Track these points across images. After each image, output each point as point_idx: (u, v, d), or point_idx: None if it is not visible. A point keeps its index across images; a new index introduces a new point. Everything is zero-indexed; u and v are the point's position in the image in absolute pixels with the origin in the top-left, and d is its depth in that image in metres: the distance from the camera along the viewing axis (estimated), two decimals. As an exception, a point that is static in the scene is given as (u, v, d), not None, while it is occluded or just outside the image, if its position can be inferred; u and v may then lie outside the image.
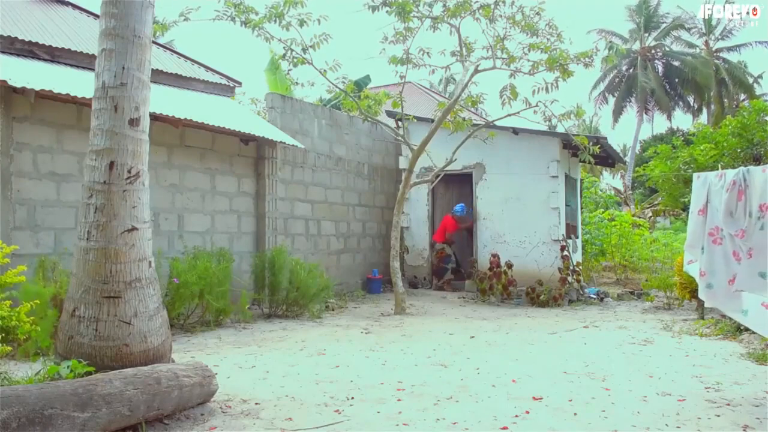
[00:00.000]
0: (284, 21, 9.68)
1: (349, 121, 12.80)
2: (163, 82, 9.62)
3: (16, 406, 3.14)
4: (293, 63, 10.25)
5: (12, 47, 8.37)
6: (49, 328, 5.76)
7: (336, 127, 12.43)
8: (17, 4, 10.66)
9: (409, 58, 10.44)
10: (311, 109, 12.00)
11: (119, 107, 4.55)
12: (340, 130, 12.55)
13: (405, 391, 5.11)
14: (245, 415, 4.47)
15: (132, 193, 4.57)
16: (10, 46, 8.35)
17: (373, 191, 13.51)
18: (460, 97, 10.75)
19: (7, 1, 10.65)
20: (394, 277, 10.37)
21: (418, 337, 7.86)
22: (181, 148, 9.16)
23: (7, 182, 7.22)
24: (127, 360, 4.41)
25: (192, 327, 8.13)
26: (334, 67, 10.56)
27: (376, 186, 13.64)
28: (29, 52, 8.51)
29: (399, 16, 9.81)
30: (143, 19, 4.76)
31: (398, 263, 10.61)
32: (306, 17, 9.64)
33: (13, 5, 10.54)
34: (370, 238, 13.41)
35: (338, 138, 12.46)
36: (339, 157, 12.43)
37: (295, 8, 9.60)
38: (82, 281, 4.51)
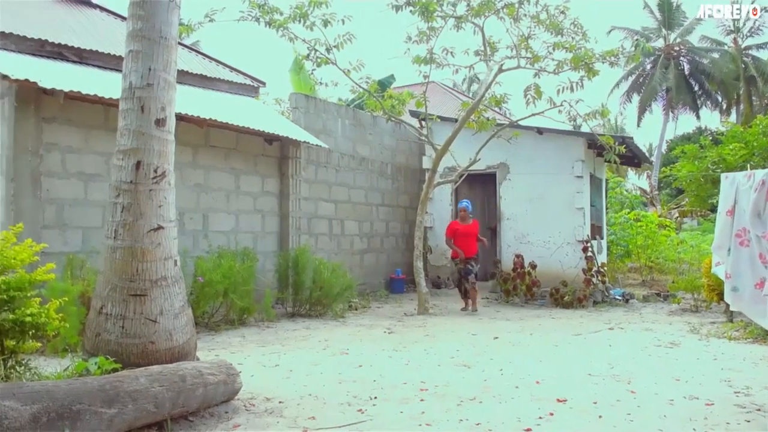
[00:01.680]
0: (308, 21, 9.70)
1: (373, 121, 12.81)
2: (188, 82, 9.71)
3: (45, 400, 3.19)
4: (317, 63, 10.27)
5: (42, 50, 8.51)
6: (76, 325, 5.85)
7: (359, 126, 12.45)
8: (47, 8, 10.83)
9: (433, 58, 10.42)
10: (335, 109, 12.03)
11: (146, 108, 4.60)
12: (364, 130, 12.57)
13: (428, 392, 5.09)
14: (269, 413, 4.49)
15: (158, 192, 4.61)
16: (40, 49, 8.49)
17: (396, 191, 13.51)
18: (484, 96, 10.71)
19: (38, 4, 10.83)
20: (417, 277, 10.35)
21: (441, 337, 7.84)
22: (206, 148, 9.24)
23: (36, 182, 7.34)
24: (153, 357, 4.45)
25: (216, 325, 8.20)
26: (358, 67, 10.58)
27: (400, 186, 13.64)
28: (58, 54, 8.65)
29: (422, 15, 9.79)
30: (169, 21, 4.81)
31: (421, 263, 10.60)
32: (330, 17, 9.65)
33: (43, 8, 10.70)
34: (393, 238, 13.42)
35: (361, 138, 12.48)
36: (362, 156, 12.45)
37: (319, 8, 9.62)
38: (109, 279, 4.57)
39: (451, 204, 13.54)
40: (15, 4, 10.24)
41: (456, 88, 27.94)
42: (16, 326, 4.50)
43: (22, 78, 6.79)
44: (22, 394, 3.14)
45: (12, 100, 7.25)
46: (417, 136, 12.13)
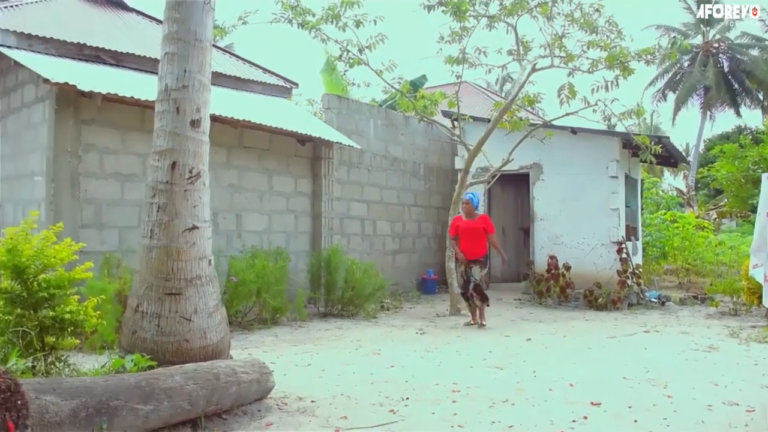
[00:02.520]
0: (341, 22, 9.74)
1: (405, 122, 12.81)
2: (222, 84, 9.82)
3: (84, 396, 3.25)
4: (349, 64, 10.30)
5: (81, 53, 8.69)
6: (113, 323, 5.96)
7: (392, 127, 12.45)
8: (85, 12, 11.05)
9: (465, 58, 10.36)
10: (367, 110, 12.06)
11: (181, 109, 4.66)
12: (396, 131, 12.57)
13: (460, 393, 5.07)
14: (301, 412, 4.52)
15: (193, 192, 4.67)
16: (79, 52, 8.68)
17: (428, 191, 13.48)
18: (517, 96, 10.64)
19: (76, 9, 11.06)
20: (450, 278, 10.31)
21: (474, 339, 7.81)
22: (240, 148, 9.33)
23: (75, 182, 7.50)
24: (188, 355, 4.51)
25: (249, 325, 8.28)
26: (390, 68, 10.58)
27: (432, 186, 13.61)
28: (96, 57, 8.83)
29: (455, 15, 9.75)
30: (204, 23, 4.86)
31: (453, 264, 10.54)
32: (362, 18, 9.68)
33: (82, 13, 10.93)
34: (425, 239, 13.39)
35: (394, 138, 12.48)
36: (395, 157, 12.45)
37: (351, 9, 9.65)
38: (145, 278, 4.64)
39: (484, 204, 13.46)
40: (55, 9, 10.48)
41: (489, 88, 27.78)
42: (55, 323, 4.60)
43: (61, 81, 6.94)
44: (62, 389, 3.20)
45: (52, 103, 7.42)
46: (449, 136, 12.09)
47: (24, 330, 4.48)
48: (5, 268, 4.53)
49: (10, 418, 2.65)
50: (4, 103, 8.95)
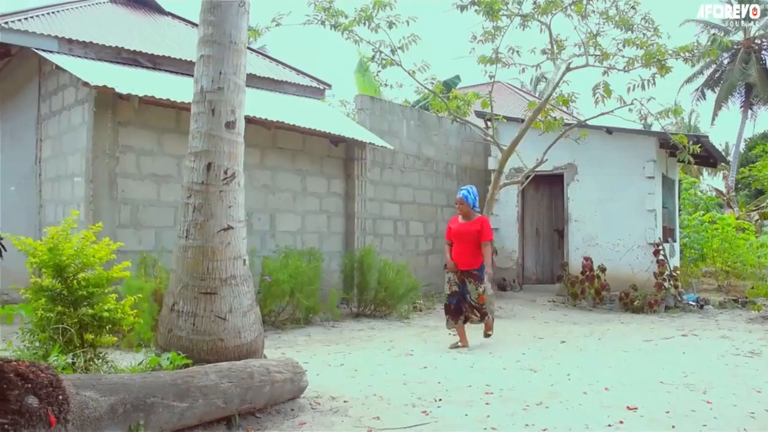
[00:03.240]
0: (373, 23, 9.76)
1: (438, 122, 12.77)
2: (256, 85, 9.91)
3: (122, 392, 3.31)
4: (382, 65, 10.32)
5: (119, 56, 8.86)
6: (149, 321, 6.06)
7: (424, 127, 12.43)
8: (123, 16, 11.27)
9: (499, 58, 10.29)
10: (400, 110, 12.06)
11: (216, 111, 4.72)
12: (429, 131, 12.54)
13: (493, 395, 5.03)
14: (334, 412, 4.53)
15: (228, 193, 4.72)
16: (117, 56, 8.85)
17: (461, 192, 13.40)
18: (551, 96, 10.52)
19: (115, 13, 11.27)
20: (483, 279, 10.24)
21: (507, 341, 7.75)
22: (273, 149, 9.41)
23: (113, 183, 7.64)
24: (222, 354, 4.56)
25: (282, 324, 8.34)
26: (423, 68, 10.55)
27: (465, 187, 13.52)
28: (133, 60, 8.99)
29: (487, 15, 9.69)
30: (239, 26, 4.92)
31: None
32: (395, 19, 9.68)
33: (120, 17, 11.15)
34: (458, 240, 13.30)
35: (427, 139, 12.46)
36: (427, 157, 12.42)
37: (383, 10, 9.66)
38: (180, 277, 4.70)
39: (518, 205, 13.37)
40: (94, 14, 10.71)
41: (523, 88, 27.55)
42: (94, 321, 4.69)
43: (100, 84, 7.08)
44: (101, 385, 3.26)
45: (91, 106, 7.57)
46: (483, 136, 12.02)
47: (64, 327, 4.58)
48: (47, 266, 4.64)
49: (52, 412, 2.71)
50: (46, 106, 9.17)
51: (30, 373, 2.75)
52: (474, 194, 7.45)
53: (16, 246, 4.80)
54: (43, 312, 4.64)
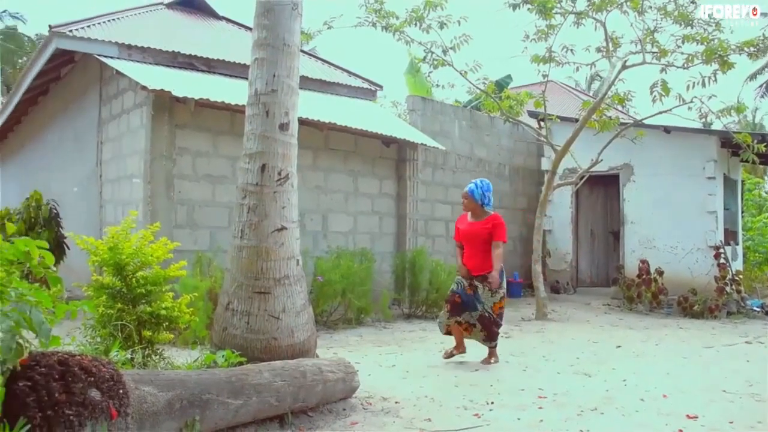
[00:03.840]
0: (424, 24, 9.75)
1: (490, 122, 12.67)
2: (308, 87, 10.01)
3: (179, 388, 3.38)
4: (434, 65, 10.30)
5: (175, 61, 9.08)
6: (204, 320, 6.18)
7: (476, 128, 12.35)
8: (179, 21, 11.55)
9: (552, 56, 10.15)
10: (451, 111, 12.00)
11: (270, 113, 4.78)
12: (481, 132, 12.45)
13: (546, 399, 4.95)
14: (385, 413, 4.53)
15: (282, 194, 4.78)
16: (173, 60, 9.07)
17: (513, 193, 13.27)
18: (606, 95, 10.31)
19: (171, 19, 11.56)
20: (536, 281, 10.11)
21: (561, 344, 7.62)
22: (326, 150, 9.48)
23: (170, 184, 7.83)
24: (275, 353, 4.61)
25: (334, 324, 8.39)
26: (475, 68, 10.49)
27: (517, 188, 13.39)
28: (189, 64, 9.20)
29: (541, 13, 9.57)
30: (292, 29, 4.97)
31: (540, 267, 10.35)
32: (446, 19, 9.66)
33: (176, 22, 11.43)
34: (510, 241, 13.12)
35: (478, 139, 12.37)
36: (479, 158, 12.33)
37: (435, 11, 9.65)
38: (235, 277, 4.78)
39: (572, 206, 13.14)
40: (151, 20, 11.00)
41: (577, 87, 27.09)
42: (152, 318, 4.81)
43: (158, 88, 7.27)
44: (158, 381, 3.34)
45: (149, 109, 7.78)
46: (535, 136, 11.88)
47: (124, 323, 4.71)
48: (107, 265, 4.78)
49: (113, 406, 2.79)
50: (107, 109, 9.46)
51: (93, 367, 2.83)
52: (483, 188, 6.27)
53: (79, 245, 4.97)
54: (104, 309, 4.79)
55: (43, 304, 2.75)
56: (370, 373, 5.61)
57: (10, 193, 16.14)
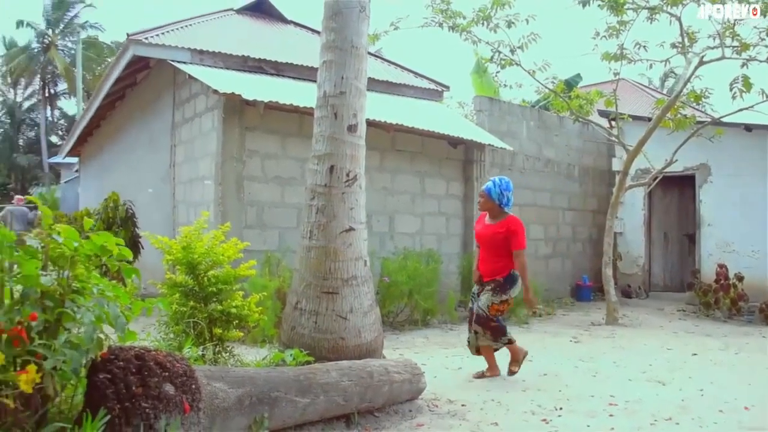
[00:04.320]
0: (492, 23, 9.65)
1: (559, 122, 12.43)
2: (374, 89, 10.05)
3: (248, 385, 3.44)
4: (501, 65, 10.18)
5: (245, 65, 9.29)
6: (273, 318, 6.29)
7: (545, 128, 12.14)
8: (249, 26, 11.81)
9: (624, 54, 9.86)
10: (519, 111, 11.84)
11: (339, 114, 4.82)
12: (549, 132, 12.23)
13: (618, 407, 4.81)
14: (451, 415, 4.50)
15: (350, 195, 4.81)
16: (243, 64, 9.28)
17: (583, 194, 12.98)
18: (681, 92, 9.93)
19: (241, 24, 11.83)
20: (606, 285, 9.84)
21: (632, 350, 7.38)
22: (392, 152, 9.50)
23: (240, 185, 8.01)
24: (342, 353, 4.64)
25: (400, 325, 8.39)
26: (543, 67, 10.32)
27: (587, 189, 13.08)
28: (258, 68, 9.39)
29: (612, 9, 9.31)
30: (360, 31, 5.00)
31: (611, 270, 10.06)
32: (514, 18, 9.54)
33: (246, 27, 11.69)
34: (579, 243, 12.90)
35: (547, 139, 12.15)
36: (548, 158, 12.11)
37: (502, 9, 9.54)
38: (304, 277, 4.84)
39: (644, 208, 12.75)
40: (222, 25, 11.29)
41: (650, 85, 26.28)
42: (223, 316, 4.93)
43: (228, 92, 7.44)
44: (229, 377, 3.41)
45: (220, 112, 7.98)
46: (606, 136, 11.57)
47: (196, 321, 4.84)
48: (180, 263, 4.92)
49: (186, 400, 2.86)
50: (179, 113, 9.76)
51: (167, 363, 2.91)
52: (502, 187, 5.64)
53: (154, 244, 5.14)
54: (177, 306, 4.93)
55: (120, 300, 2.86)
56: (436, 375, 5.59)
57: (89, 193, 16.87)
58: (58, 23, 40.05)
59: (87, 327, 2.64)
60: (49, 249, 2.77)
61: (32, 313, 2.53)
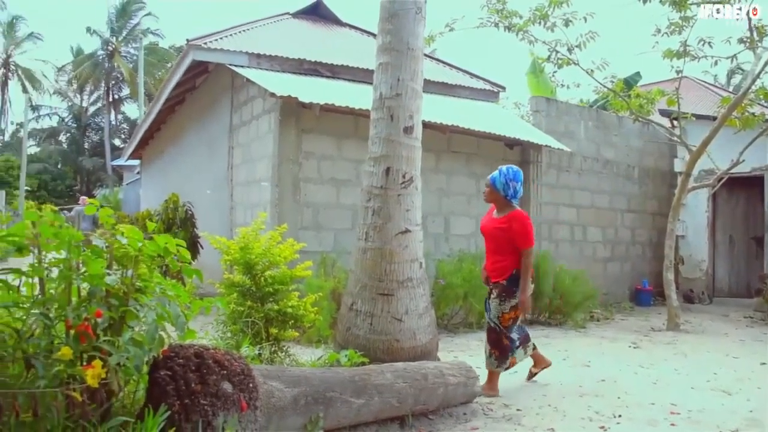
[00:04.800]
0: (549, 22, 9.51)
1: (618, 122, 12.15)
2: (430, 90, 10.01)
3: (304, 385, 3.47)
4: (558, 65, 10.01)
5: (301, 68, 9.40)
6: (328, 319, 6.33)
7: (603, 128, 11.88)
8: (305, 29, 11.94)
9: (687, 50, 9.56)
10: (577, 111, 11.62)
11: (395, 116, 4.83)
12: (608, 132, 11.97)
13: (680, 416, 4.65)
14: (506, 419, 4.44)
15: (406, 197, 4.81)
16: (299, 67, 9.39)
17: (643, 196, 12.64)
18: (749, 89, 9.56)
19: (297, 27, 11.97)
20: (667, 289, 9.54)
21: (695, 357, 7.14)
22: (448, 153, 9.45)
23: (297, 187, 8.10)
24: (397, 354, 4.64)
25: (455, 328, 8.34)
26: (602, 66, 10.11)
27: (647, 190, 12.74)
28: (314, 70, 9.48)
29: (674, 5, 9.04)
30: (416, 33, 5.00)
31: (672, 275, 9.76)
32: (571, 16, 9.37)
33: (302, 30, 11.82)
34: (639, 246, 12.57)
35: (606, 140, 11.89)
36: (606, 159, 11.85)
37: (559, 8, 9.39)
38: (359, 278, 4.86)
39: (708, 211, 12.35)
40: (278, 29, 11.45)
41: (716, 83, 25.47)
42: (279, 316, 5.00)
43: (285, 94, 7.54)
44: (285, 376, 3.45)
45: (277, 115, 8.09)
46: (668, 136, 11.24)
47: (253, 320, 4.92)
48: (238, 264, 5.01)
49: (243, 398, 2.91)
50: (237, 116, 9.95)
51: (225, 361, 2.96)
52: (508, 176, 5.17)
53: (213, 244, 5.25)
54: (235, 306, 5.03)
55: (181, 299, 2.93)
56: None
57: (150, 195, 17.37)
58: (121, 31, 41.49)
59: (149, 325, 2.71)
60: (114, 249, 2.86)
61: (98, 310, 2.61)
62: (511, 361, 5.25)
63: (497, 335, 5.16)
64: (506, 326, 5.11)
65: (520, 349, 5.34)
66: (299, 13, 12.98)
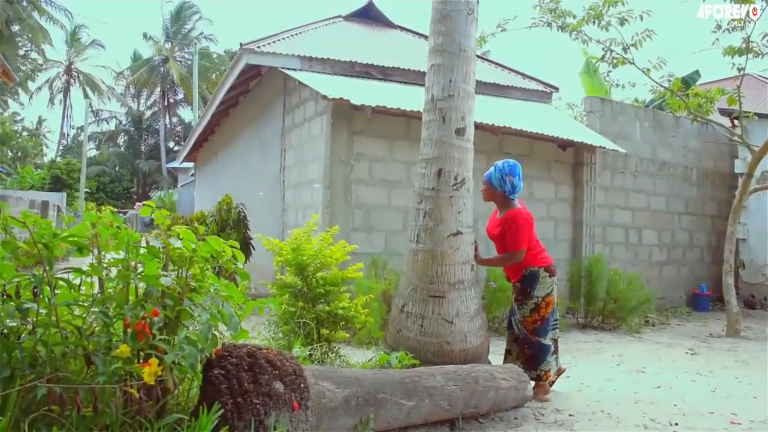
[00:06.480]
0: (603, 21, 9.33)
1: (675, 122, 11.83)
2: (481, 91, 9.94)
3: (355, 386, 3.49)
4: (613, 64, 9.81)
5: (352, 70, 9.47)
6: (378, 320, 6.34)
7: (660, 129, 11.59)
8: (356, 32, 12.01)
9: (750, 47, 9.22)
10: (632, 112, 11.37)
11: (447, 118, 4.81)
12: (665, 132, 11.67)
13: (741, 426, 4.49)
14: (558, 425, 4.37)
15: (457, 199, 4.79)
16: (350, 69, 9.46)
17: (702, 198, 12.28)
18: (816, 88, 9.21)
19: (349, 30, 12.06)
20: (727, 294, 9.24)
21: (757, 365, 6.89)
22: (500, 155, 9.35)
23: (348, 188, 8.15)
24: (448, 357, 4.62)
25: (505, 331, 8.24)
26: (658, 65, 9.85)
27: (706, 192, 12.37)
28: (365, 72, 9.54)
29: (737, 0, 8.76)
30: (468, 34, 4.97)
31: (732, 279, 9.44)
32: (627, 15, 9.17)
33: (353, 33, 11.90)
34: (697, 250, 12.21)
35: (662, 141, 11.60)
36: (663, 161, 11.55)
37: (614, 7, 9.20)
38: (410, 280, 4.85)
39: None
40: (330, 32, 11.55)
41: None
42: (330, 317, 5.04)
43: (337, 97, 7.60)
44: (336, 377, 3.48)
45: (329, 117, 8.16)
46: (728, 136, 10.89)
47: (304, 321, 4.98)
48: (290, 265, 5.08)
49: (294, 398, 2.94)
50: (289, 118, 10.07)
51: (277, 361, 3.00)
52: (503, 171, 4.97)
53: (265, 246, 5.33)
54: (287, 306, 5.10)
55: (234, 300, 2.98)
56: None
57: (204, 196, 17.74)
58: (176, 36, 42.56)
59: (203, 324, 2.78)
60: (170, 250, 2.94)
61: (154, 309, 2.69)
62: (559, 369, 5.16)
63: (522, 341, 5.06)
64: (530, 331, 4.99)
65: (554, 357, 5.10)
66: (351, 15, 13.07)
